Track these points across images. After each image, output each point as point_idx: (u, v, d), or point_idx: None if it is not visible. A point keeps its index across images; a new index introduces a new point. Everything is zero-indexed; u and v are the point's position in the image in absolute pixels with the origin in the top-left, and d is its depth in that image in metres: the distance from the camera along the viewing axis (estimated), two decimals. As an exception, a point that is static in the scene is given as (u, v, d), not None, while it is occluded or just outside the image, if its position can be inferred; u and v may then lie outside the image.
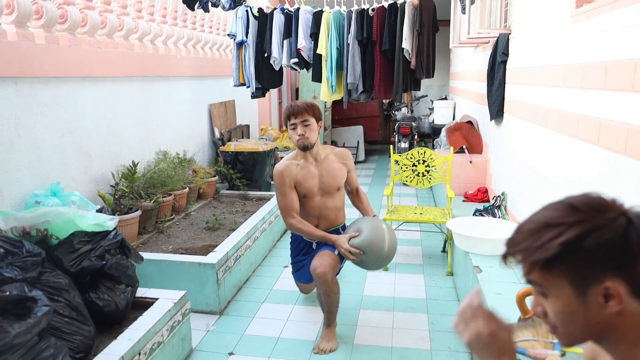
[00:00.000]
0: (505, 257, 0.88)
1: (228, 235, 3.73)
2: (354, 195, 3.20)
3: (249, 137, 6.43)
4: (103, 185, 3.69)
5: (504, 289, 2.60)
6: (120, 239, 2.66)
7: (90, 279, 2.55)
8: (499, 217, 3.70)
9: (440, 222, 3.84)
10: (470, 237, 3.09)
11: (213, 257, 3.24)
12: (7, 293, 1.95)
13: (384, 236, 2.73)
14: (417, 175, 4.24)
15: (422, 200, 6.02)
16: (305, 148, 2.82)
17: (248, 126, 6.50)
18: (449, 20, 5.23)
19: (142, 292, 2.77)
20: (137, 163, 3.73)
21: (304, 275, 3.07)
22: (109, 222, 2.64)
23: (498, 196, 3.92)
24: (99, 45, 3.73)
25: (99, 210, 2.94)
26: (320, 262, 2.72)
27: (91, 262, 2.49)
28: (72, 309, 2.31)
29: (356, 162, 8.61)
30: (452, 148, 4.29)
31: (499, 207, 3.82)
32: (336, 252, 2.81)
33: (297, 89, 8.85)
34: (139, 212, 3.56)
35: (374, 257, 2.73)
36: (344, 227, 3.13)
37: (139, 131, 4.22)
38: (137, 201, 3.67)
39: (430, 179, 4.23)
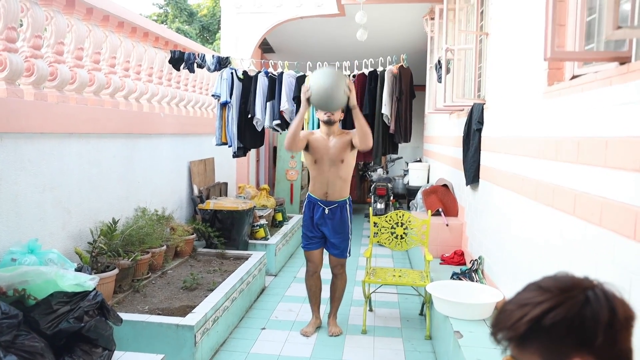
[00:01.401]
0: (492, 335, 0.94)
1: (206, 296, 3.66)
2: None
3: (227, 195, 6.44)
4: (80, 242, 3.62)
5: (486, 355, 2.62)
6: (100, 300, 2.59)
7: (66, 342, 2.46)
8: (476, 281, 3.76)
9: (419, 285, 3.87)
10: (451, 302, 3.12)
11: (191, 319, 3.17)
12: (-19, 358, 1.87)
13: (321, 75, 3.36)
14: (396, 237, 4.30)
15: (397, 262, 6.06)
16: (329, 122, 3.59)
17: (226, 184, 6.53)
18: (424, 85, 5.51)
19: (117, 355, 2.68)
20: (118, 220, 3.69)
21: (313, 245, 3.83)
22: (89, 282, 2.58)
23: (475, 260, 3.99)
24: (85, 102, 3.77)
25: (78, 269, 2.88)
26: (336, 262, 3.82)
27: (69, 324, 2.42)
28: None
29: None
30: (429, 211, 4.39)
31: (476, 270, 3.89)
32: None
33: (274, 148, 8.98)
34: (116, 271, 3.48)
35: (318, 92, 3.33)
36: (350, 201, 3.82)
37: (121, 187, 4.20)
38: (115, 259, 3.60)
39: (408, 241, 4.29)
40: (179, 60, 4.71)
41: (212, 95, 4.77)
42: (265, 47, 8.18)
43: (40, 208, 3.21)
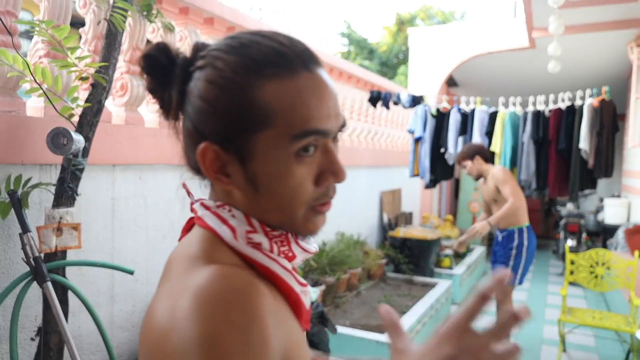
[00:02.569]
0: None
1: (399, 318, 3.95)
2: None
3: (411, 224, 6.73)
4: (294, 259, 4.21)
5: None
6: (321, 310, 3.05)
7: (295, 342, 2.94)
8: (696, 333, 3.42)
9: (624, 331, 3.65)
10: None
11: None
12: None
13: None
14: (595, 277, 4.11)
15: (591, 303, 5.67)
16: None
17: (411, 213, 6.83)
18: (623, 115, 5.15)
19: (331, 360, 3.10)
20: (326, 243, 4.21)
21: None
22: (312, 294, 3.05)
23: (694, 309, 3.64)
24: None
25: (301, 282, 3.40)
26: None
27: (299, 327, 2.90)
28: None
29: (515, 256, 8.35)
30: (637, 252, 4.11)
31: (695, 321, 3.54)
32: None
33: (457, 180, 9.06)
34: (323, 287, 3.97)
35: None
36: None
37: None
38: (322, 276, 4.11)
39: (609, 282, 4.07)
40: (376, 98, 5.19)
41: (408, 131, 5.14)
42: (450, 82, 8.39)
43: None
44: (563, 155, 4.69)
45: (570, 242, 6.77)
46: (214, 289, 0.56)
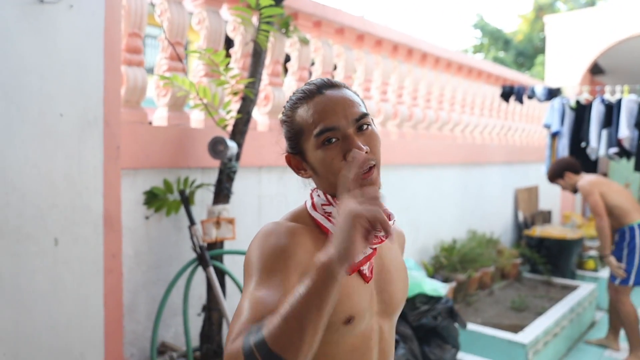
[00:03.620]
0: None
1: (535, 318, 3.84)
2: None
3: (550, 223, 6.38)
4: (424, 256, 4.30)
5: None
6: (450, 305, 3.12)
7: (424, 335, 3.05)
8: None
9: None
10: None
11: (524, 337, 3.41)
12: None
13: None
14: None
15: None
16: None
17: (550, 212, 6.48)
18: None
19: (460, 355, 3.15)
20: (457, 240, 4.24)
21: None
22: (442, 289, 3.14)
23: None
24: (430, 138, 4.48)
25: (431, 277, 3.49)
26: None
27: (428, 320, 3.00)
28: (413, 357, 2.83)
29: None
30: None
31: None
32: None
33: (604, 174, 8.33)
34: (454, 284, 4.01)
35: None
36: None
37: (456, 211, 4.78)
38: (452, 273, 4.14)
39: None
40: (509, 93, 5.04)
41: (544, 126, 4.92)
42: (595, 70, 7.76)
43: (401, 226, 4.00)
44: None
45: None
46: (267, 228, 0.99)
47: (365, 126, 0.99)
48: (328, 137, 0.97)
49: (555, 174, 4.10)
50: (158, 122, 2.53)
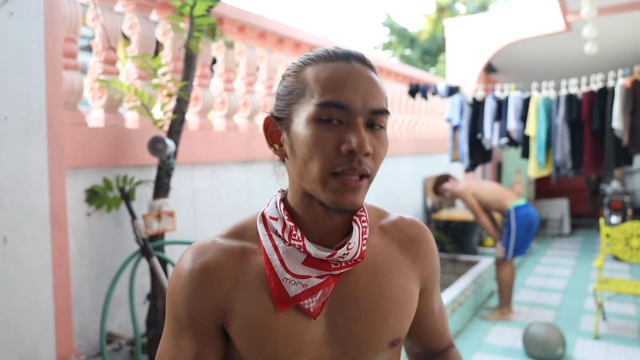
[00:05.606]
0: None
1: (443, 290, 4.34)
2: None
3: (455, 207, 7.04)
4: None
5: None
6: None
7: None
8: None
9: (657, 296, 3.90)
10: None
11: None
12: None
13: None
14: (631, 249, 4.34)
15: (637, 276, 5.84)
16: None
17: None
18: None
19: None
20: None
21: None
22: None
23: None
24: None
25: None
26: None
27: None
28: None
29: (560, 235, 8.52)
30: (670, 223, 4.32)
31: None
32: None
33: (499, 163, 9.25)
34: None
35: None
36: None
37: (370, 199, 5.18)
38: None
39: (645, 253, 4.30)
40: (415, 91, 5.54)
41: (446, 120, 5.47)
42: (489, 69, 8.58)
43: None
44: (597, 135, 4.91)
45: (615, 219, 6.90)
46: (180, 264, 0.83)
47: (378, 126, 0.78)
48: (331, 114, 0.75)
49: (436, 190, 4.95)
50: (94, 124, 2.64)
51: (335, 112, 0.75)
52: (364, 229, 0.84)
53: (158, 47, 3.10)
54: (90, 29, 2.64)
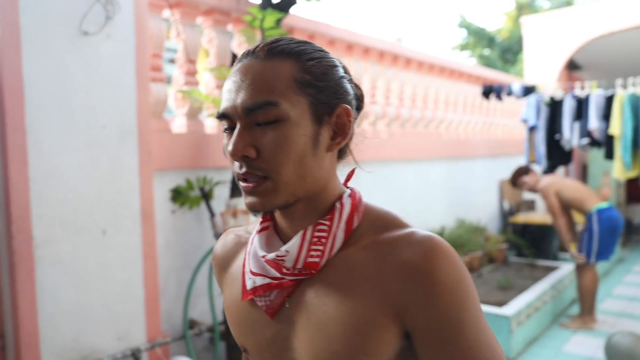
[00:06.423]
0: None
1: (519, 295, 4.24)
2: None
3: (534, 210, 6.80)
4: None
5: None
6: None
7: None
8: None
9: None
10: None
11: (508, 310, 3.81)
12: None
13: None
14: None
15: None
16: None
17: (534, 201, 6.89)
18: None
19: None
20: (445, 228, 4.64)
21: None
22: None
23: None
24: (417, 135, 4.89)
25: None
26: None
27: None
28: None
29: (657, 242, 7.92)
30: None
31: None
32: None
33: (584, 165, 8.77)
34: (444, 267, 4.40)
35: None
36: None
37: (444, 202, 5.19)
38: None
39: None
40: (489, 92, 5.46)
41: (522, 120, 5.34)
42: (572, 66, 8.20)
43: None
44: (691, 133, 4.58)
45: None
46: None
47: (264, 123, 0.71)
48: (225, 123, 0.75)
49: (514, 182, 4.74)
50: (178, 130, 2.92)
51: (225, 121, 0.74)
52: (319, 239, 0.75)
53: (234, 57, 3.35)
54: (173, 42, 2.93)
